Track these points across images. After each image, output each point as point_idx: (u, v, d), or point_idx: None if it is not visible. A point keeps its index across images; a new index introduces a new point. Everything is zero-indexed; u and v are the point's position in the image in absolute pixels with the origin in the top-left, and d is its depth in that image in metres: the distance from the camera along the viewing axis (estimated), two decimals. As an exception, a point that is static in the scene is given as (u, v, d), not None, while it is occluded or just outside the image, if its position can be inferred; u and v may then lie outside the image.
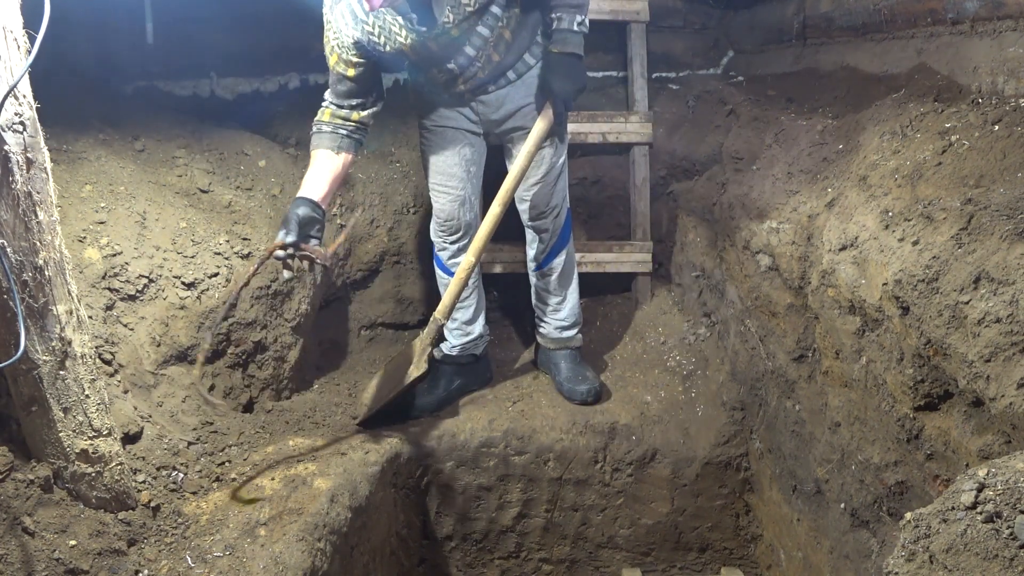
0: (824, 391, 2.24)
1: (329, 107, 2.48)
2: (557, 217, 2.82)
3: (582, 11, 2.45)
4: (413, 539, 2.83)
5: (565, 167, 2.79)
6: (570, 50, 2.45)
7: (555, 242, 2.86)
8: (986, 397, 1.41)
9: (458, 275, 2.58)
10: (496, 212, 2.53)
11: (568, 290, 2.96)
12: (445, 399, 2.89)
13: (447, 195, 2.75)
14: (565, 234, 2.87)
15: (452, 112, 2.68)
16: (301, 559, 1.95)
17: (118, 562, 1.84)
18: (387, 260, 3.42)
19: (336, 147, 2.44)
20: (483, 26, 2.43)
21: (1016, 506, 0.99)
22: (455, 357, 2.94)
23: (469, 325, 2.93)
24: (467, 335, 2.94)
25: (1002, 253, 1.44)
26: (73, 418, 1.78)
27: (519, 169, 2.53)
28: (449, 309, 2.62)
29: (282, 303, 2.78)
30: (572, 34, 2.44)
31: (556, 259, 2.88)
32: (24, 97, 1.53)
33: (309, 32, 3.36)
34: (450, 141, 2.71)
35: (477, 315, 2.95)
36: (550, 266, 2.89)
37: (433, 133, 2.73)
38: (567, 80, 2.47)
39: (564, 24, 2.43)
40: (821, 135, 2.46)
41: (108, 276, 2.34)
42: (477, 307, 2.94)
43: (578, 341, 2.99)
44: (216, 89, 3.43)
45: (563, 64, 2.46)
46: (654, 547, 2.95)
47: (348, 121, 2.45)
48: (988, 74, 1.99)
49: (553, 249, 2.87)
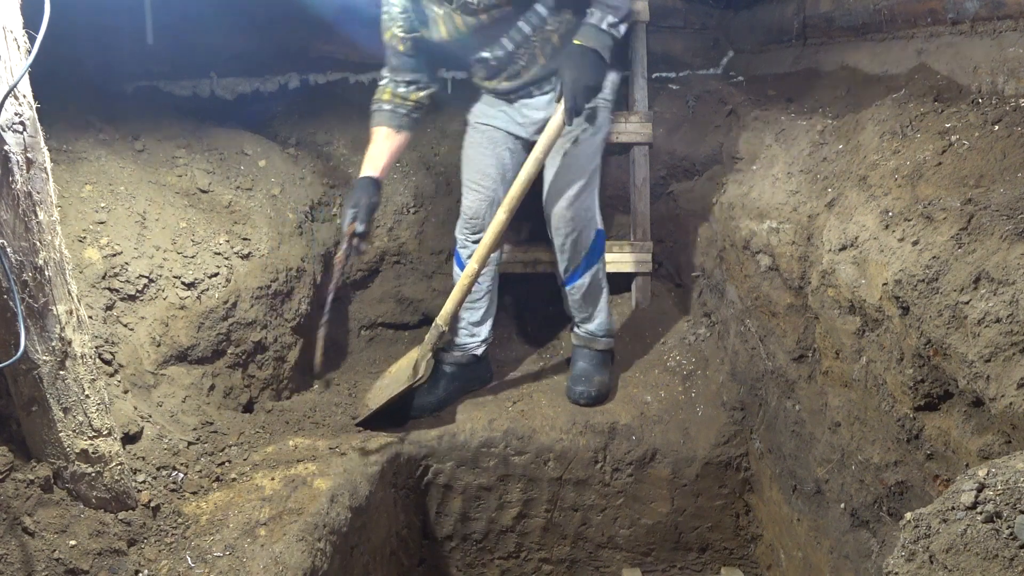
0: (824, 391, 2.24)
1: (388, 86, 2.58)
2: (577, 236, 2.72)
3: (617, 13, 2.42)
4: (413, 539, 2.83)
5: (591, 183, 2.69)
6: (591, 45, 2.42)
7: (579, 263, 2.78)
8: (986, 397, 1.41)
9: (461, 281, 2.58)
10: (501, 219, 2.53)
11: (596, 309, 2.90)
12: (445, 399, 2.89)
13: (477, 193, 2.78)
14: (592, 257, 2.79)
15: (498, 112, 2.72)
16: (301, 559, 1.95)
17: (118, 562, 1.84)
18: (387, 260, 3.42)
19: (397, 126, 2.59)
20: (524, 22, 2.44)
21: (1016, 506, 0.99)
22: (456, 357, 2.93)
23: (476, 327, 2.93)
24: (472, 336, 2.93)
25: (1002, 253, 1.44)
26: (73, 418, 1.78)
27: (526, 174, 2.50)
28: (450, 315, 2.62)
29: (282, 303, 2.78)
30: (598, 31, 2.42)
31: (579, 280, 2.82)
32: (24, 97, 1.53)
33: (309, 32, 3.38)
34: (491, 141, 2.75)
35: (486, 319, 2.94)
36: (573, 286, 2.84)
37: (476, 130, 2.78)
38: (578, 73, 2.41)
39: (593, 19, 2.43)
40: (821, 135, 2.46)
41: (108, 276, 2.33)
42: (487, 311, 2.93)
43: (603, 344, 2.94)
44: (216, 89, 3.43)
45: (578, 56, 2.43)
46: (654, 547, 2.95)
47: (407, 101, 2.58)
48: (988, 74, 1.99)
49: (577, 270, 2.80)
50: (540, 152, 2.49)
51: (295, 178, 3.09)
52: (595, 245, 2.80)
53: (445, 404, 2.88)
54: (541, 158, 2.50)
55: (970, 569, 0.98)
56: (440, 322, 2.60)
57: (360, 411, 2.75)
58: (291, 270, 2.82)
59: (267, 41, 3.38)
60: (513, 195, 2.51)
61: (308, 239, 3.01)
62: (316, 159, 3.27)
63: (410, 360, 2.67)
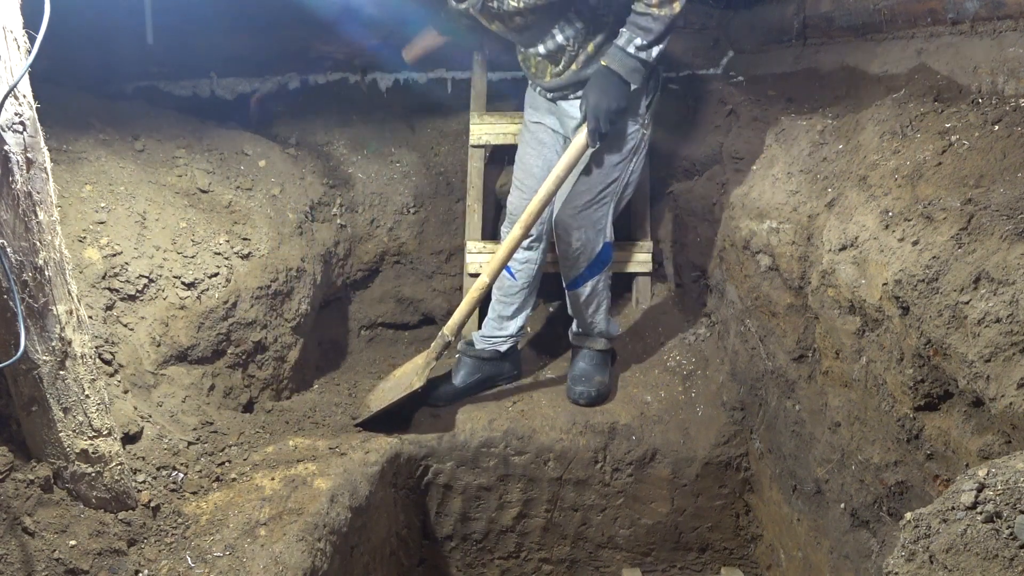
0: (824, 391, 2.24)
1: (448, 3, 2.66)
2: (581, 245, 2.70)
3: (647, 35, 2.37)
4: (413, 539, 2.83)
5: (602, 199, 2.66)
6: (615, 67, 2.41)
7: (580, 271, 2.78)
8: (986, 397, 1.41)
9: (470, 294, 2.62)
10: (516, 235, 2.55)
11: (597, 312, 2.89)
12: (463, 391, 2.90)
13: (520, 191, 2.82)
14: (595, 267, 2.78)
15: (545, 112, 2.76)
16: (301, 559, 1.95)
17: (118, 562, 1.84)
18: (387, 260, 3.42)
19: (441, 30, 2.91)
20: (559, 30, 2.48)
21: (1016, 506, 0.99)
22: (477, 351, 2.94)
23: (506, 321, 2.94)
24: (500, 328, 2.95)
25: (1002, 253, 1.44)
26: (73, 418, 1.78)
27: (545, 192, 2.51)
28: (458, 326, 2.63)
29: (282, 303, 2.78)
30: (624, 54, 2.40)
31: (579, 288, 2.82)
32: (24, 97, 1.53)
33: (309, 32, 3.38)
34: (539, 141, 2.79)
35: (516, 315, 2.95)
36: (575, 291, 2.85)
37: (527, 128, 2.84)
38: (599, 97, 2.42)
39: (621, 41, 2.41)
40: (821, 135, 2.46)
41: (108, 276, 2.33)
42: (520, 308, 2.94)
43: (603, 345, 2.95)
44: (216, 89, 3.43)
45: (601, 79, 2.44)
46: (654, 547, 2.95)
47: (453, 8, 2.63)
48: (988, 74, 1.99)
49: (578, 278, 2.80)
50: (561, 170, 2.50)
51: (295, 178, 3.09)
52: (600, 257, 2.77)
53: (463, 395, 2.90)
54: (562, 176, 2.51)
55: (970, 569, 0.98)
56: (447, 332, 2.62)
57: (361, 411, 2.75)
58: (291, 270, 2.82)
59: (267, 41, 3.38)
60: (530, 211, 2.53)
61: (308, 239, 3.01)
62: (316, 159, 3.27)
63: (415, 366, 2.67)
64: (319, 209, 3.16)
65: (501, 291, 2.92)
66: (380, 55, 3.39)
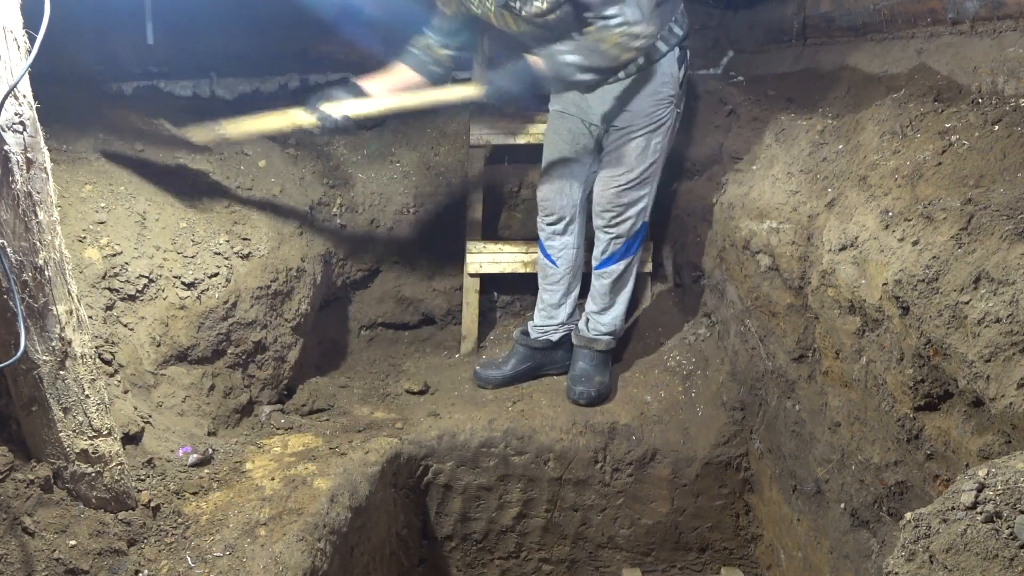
0: (824, 391, 2.24)
1: (424, 36, 2.68)
2: (621, 221, 2.78)
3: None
4: (413, 539, 2.83)
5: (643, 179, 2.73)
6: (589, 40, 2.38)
7: (617, 248, 2.84)
8: (986, 397, 1.41)
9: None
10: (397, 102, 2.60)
11: (617, 298, 2.94)
12: (513, 377, 2.97)
13: (547, 178, 2.87)
14: (631, 246, 2.85)
15: (569, 103, 2.77)
16: (301, 559, 1.95)
17: (118, 562, 1.84)
18: (387, 260, 3.42)
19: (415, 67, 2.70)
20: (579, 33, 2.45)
21: (1016, 506, 0.99)
22: (530, 340, 2.99)
23: (554, 309, 2.98)
24: (550, 318, 2.98)
25: (1002, 253, 1.44)
26: (73, 418, 1.78)
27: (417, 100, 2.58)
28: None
29: (282, 303, 2.78)
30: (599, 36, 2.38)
31: (613, 265, 2.87)
32: (24, 97, 1.53)
33: (308, 33, 3.38)
34: (566, 128, 2.81)
35: (564, 300, 2.98)
36: (606, 270, 2.88)
37: (554, 116, 2.86)
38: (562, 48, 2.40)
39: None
40: (821, 135, 2.46)
41: (108, 276, 2.33)
42: (566, 292, 2.98)
43: (603, 345, 2.95)
44: (216, 89, 3.43)
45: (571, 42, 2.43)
46: (654, 547, 2.95)
47: (433, 53, 2.67)
48: (988, 74, 1.99)
49: (614, 255, 2.86)
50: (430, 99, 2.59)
51: (295, 178, 3.09)
52: (637, 236, 2.85)
53: (512, 382, 2.98)
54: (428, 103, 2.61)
55: (970, 569, 0.98)
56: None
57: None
58: (291, 270, 2.82)
59: (267, 41, 3.38)
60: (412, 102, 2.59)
61: (308, 239, 3.01)
62: (316, 159, 3.28)
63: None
64: (319, 209, 3.16)
65: (545, 279, 2.99)
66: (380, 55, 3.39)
